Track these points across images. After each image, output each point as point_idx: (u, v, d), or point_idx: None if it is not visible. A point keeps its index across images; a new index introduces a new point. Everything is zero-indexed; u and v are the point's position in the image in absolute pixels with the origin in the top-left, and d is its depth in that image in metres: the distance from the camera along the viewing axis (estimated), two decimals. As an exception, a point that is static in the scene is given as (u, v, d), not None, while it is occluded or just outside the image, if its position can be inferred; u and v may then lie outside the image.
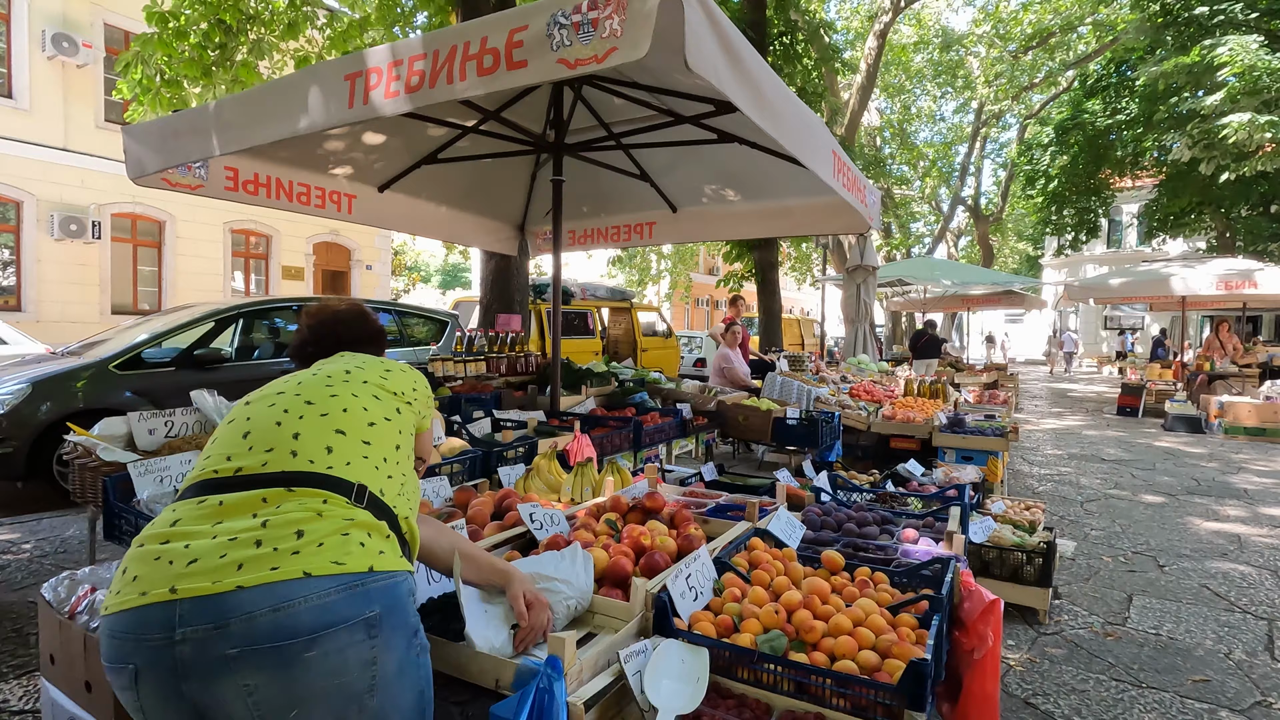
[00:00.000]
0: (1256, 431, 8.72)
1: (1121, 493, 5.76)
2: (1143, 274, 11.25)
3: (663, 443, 3.91)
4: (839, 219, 4.64)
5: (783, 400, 5.24)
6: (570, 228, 5.83)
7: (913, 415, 5.91)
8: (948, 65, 21.20)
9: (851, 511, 2.34)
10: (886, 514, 2.41)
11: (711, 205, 5.16)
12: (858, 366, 9.12)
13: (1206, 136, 10.66)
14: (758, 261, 11.78)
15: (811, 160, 3.08)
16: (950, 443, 5.12)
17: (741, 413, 4.50)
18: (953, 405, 7.19)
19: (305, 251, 17.45)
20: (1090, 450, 7.90)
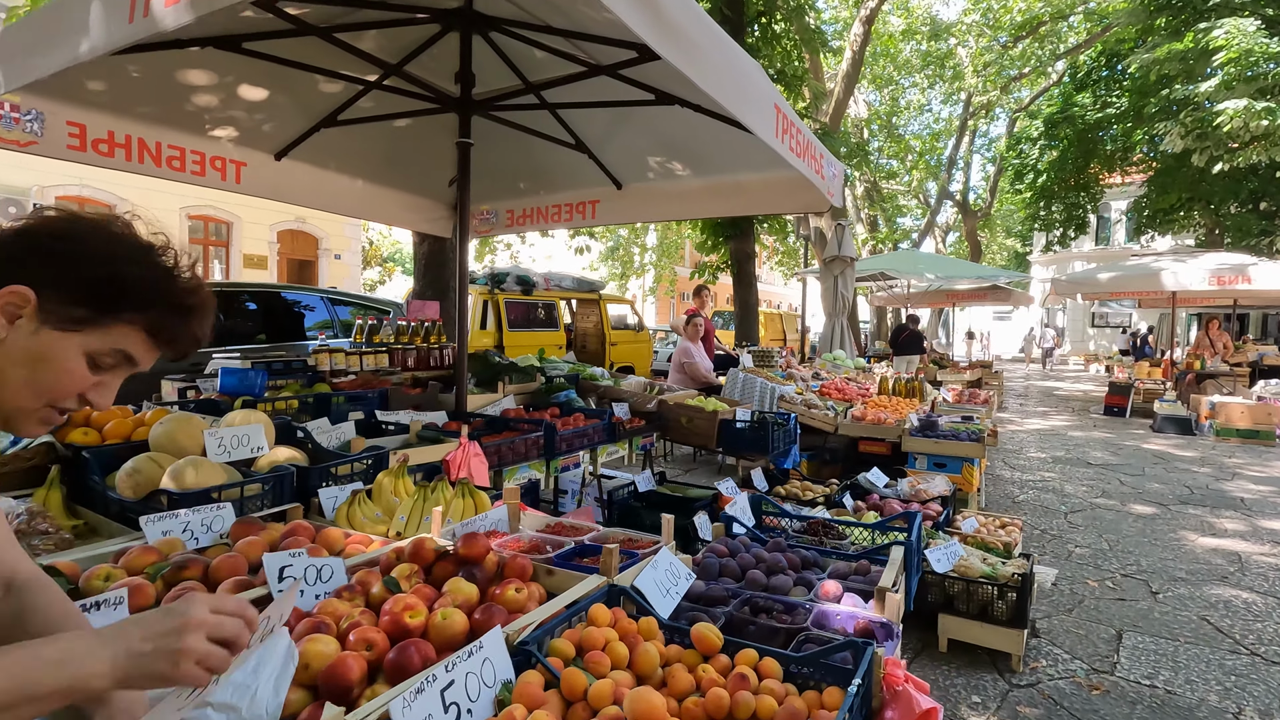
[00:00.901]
0: (1249, 434, 8.29)
1: (1109, 502, 5.28)
2: (1132, 268, 10.82)
3: (585, 449, 3.37)
4: (797, 196, 4.10)
5: (733, 401, 4.71)
6: (509, 207, 5.29)
7: (884, 416, 5.41)
8: (936, 56, 20.71)
9: (765, 551, 1.81)
10: (812, 554, 1.88)
11: (658, 181, 4.61)
12: (833, 362, 8.62)
13: (1199, 125, 10.23)
14: (733, 252, 11.25)
15: (746, 113, 2.55)
16: (921, 448, 4.62)
17: (684, 414, 3.98)
18: (930, 405, 6.70)
19: (269, 239, 16.76)
20: (1076, 453, 7.44)
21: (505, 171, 4.98)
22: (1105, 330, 29.31)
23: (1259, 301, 14.58)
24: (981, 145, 29.83)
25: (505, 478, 2.93)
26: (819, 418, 5.55)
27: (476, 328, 8.56)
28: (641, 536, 1.80)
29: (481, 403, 3.59)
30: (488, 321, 8.73)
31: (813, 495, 3.70)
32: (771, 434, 3.79)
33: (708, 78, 2.23)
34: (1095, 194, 20.06)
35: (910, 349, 11.26)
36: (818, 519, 2.43)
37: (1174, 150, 11.01)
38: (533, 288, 9.39)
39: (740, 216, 10.88)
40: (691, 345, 6.43)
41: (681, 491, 3.86)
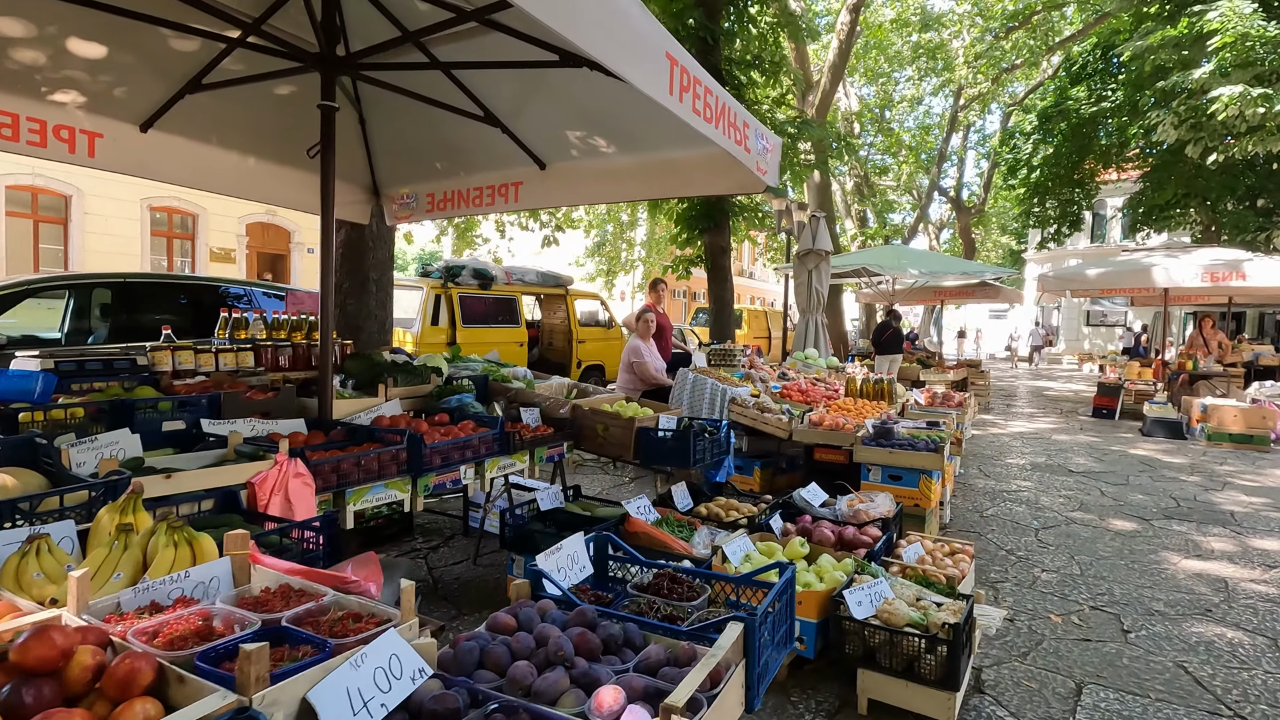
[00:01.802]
0: (1242, 439, 7.84)
1: (1086, 517, 4.82)
2: (1122, 264, 10.36)
3: (467, 462, 2.90)
4: (731, 175, 3.63)
5: (660, 407, 4.21)
6: (429, 190, 4.81)
7: (842, 421, 4.94)
8: (928, 48, 20.21)
9: (555, 628, 1.34)
10: (634, 628, 1.41)
11: (584, 160, 4.14)
12: (804, 361, 8.15)
13: (1194, 114, 9.76)
14: (707, 246, 10.78)
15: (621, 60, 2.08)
16: (874, 458, 4.15)
17: (600, 421, 3.51)
18: (899, 408, 6.24)
19: (237, 232, 16.27)
20: (1057, 459, 6.98)
21: (416, 149, 4.51)
22: (1100, 329, 28.89)
23: (1255, 299, 14.14)
24: (976, 141, 29.39)
25: (350, 501, 2.46)
26: (772, 423, 5.09)
27: (427, 324, 8.08)
28: (377, 610, 1.32)
29: (356, 409, 3.11)
30: (440, 318, 8.25)
31: (736, 516, 3.23)
32: (694, 444, 3.32)
33: (556, 12, 1.78)
34: (1090, 190, 19.63)
35: (892, 348, 10.80)
36: (666, 570, 1.94)
37: (1168, 141, 10.54)
38: (491, 282, 8.90)
39: (716, 209, 10.41)
40: (641, 343, 5.96)
41: (591, 510, 3.40)
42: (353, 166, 4.66)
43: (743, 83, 10.83)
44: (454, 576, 3.44)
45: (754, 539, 2.94)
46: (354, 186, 4.87)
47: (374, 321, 5.30)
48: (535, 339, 11.10)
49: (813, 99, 16.35)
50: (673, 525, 3.12)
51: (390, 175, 4.89)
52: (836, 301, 16.92)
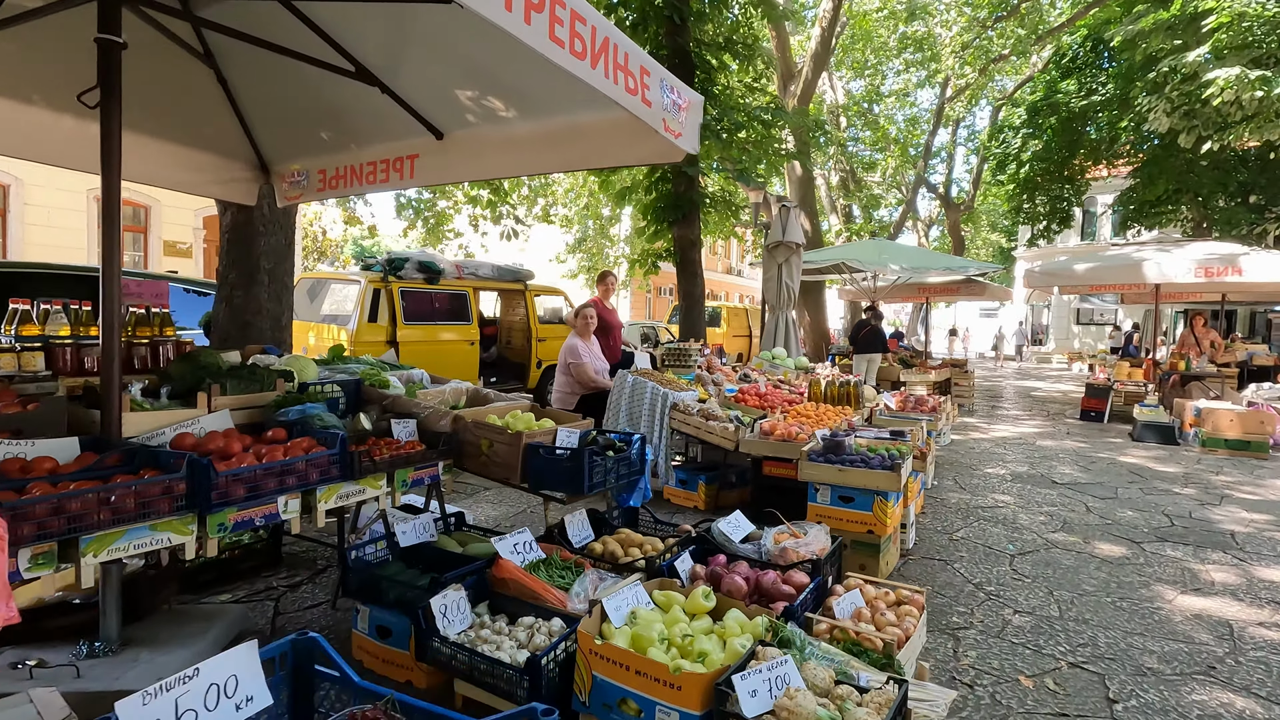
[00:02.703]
0: (1239, 445, 7.32)
1: (1069, 539, 4.25)
2: (1112, 258, 9.83)
3: (290, 492, 2.31)
4: (644, 143, 3.03)
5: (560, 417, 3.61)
6: (320, 166, 4.20)
7: (795, 430, 4.36)
8: (914, 38, 19.68)
9: None
10: None
11: (483, 127, 3.53)
12: (770, 362, 7.58)
13: (1187, 100, 9.24)
14: (676, 239, 10.18)
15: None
16: (821, 476, 3.57)
17: (485, 436, 2.92)
18: (866, 413, 5.67)
19: (193, 225, 15.57)
20: (1041, 468, 6.43)
21: (297, 118, 3.90)
22: (1090, 328, 28.47)
23: (1249, 296, 13.66)
24: (965, 137, 28.92)
25: (89, 552, 1.85)
26: (717, 432, 4.51)
27: (364, 321, 7.46)
28: None
29: (160, 424, 2.50)
30: (379, 314, 7.62)
31: (636, 556, 2.64)
32: (590, 465, 2.72)
33: None
34: (1080, 186, 19.19)
35: (871, 347, 10.24)
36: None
37: (1160, 130, 10.02)
38: (439, 275, 8.28)
39: (684, 200, 9.82)
40: (580, 342, 5.36)
41: (468, 544, 2.80)
42: (226, 137, 4.04)
43: (715, 66, 10.25)
44: (299, 624, 2.83)
45: (653, 586, 2.35)
46: (236, 162, 4.26)
47: (266, 318, 4.68)
48: (493, 337, 10.50)
49: (794, 89, 15.78)
50: (556, 568, 2.53)
51: (278, 150, 4.27)
52: (819, 298, 16.38)
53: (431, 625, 2.17)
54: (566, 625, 2.19)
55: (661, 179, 10.09)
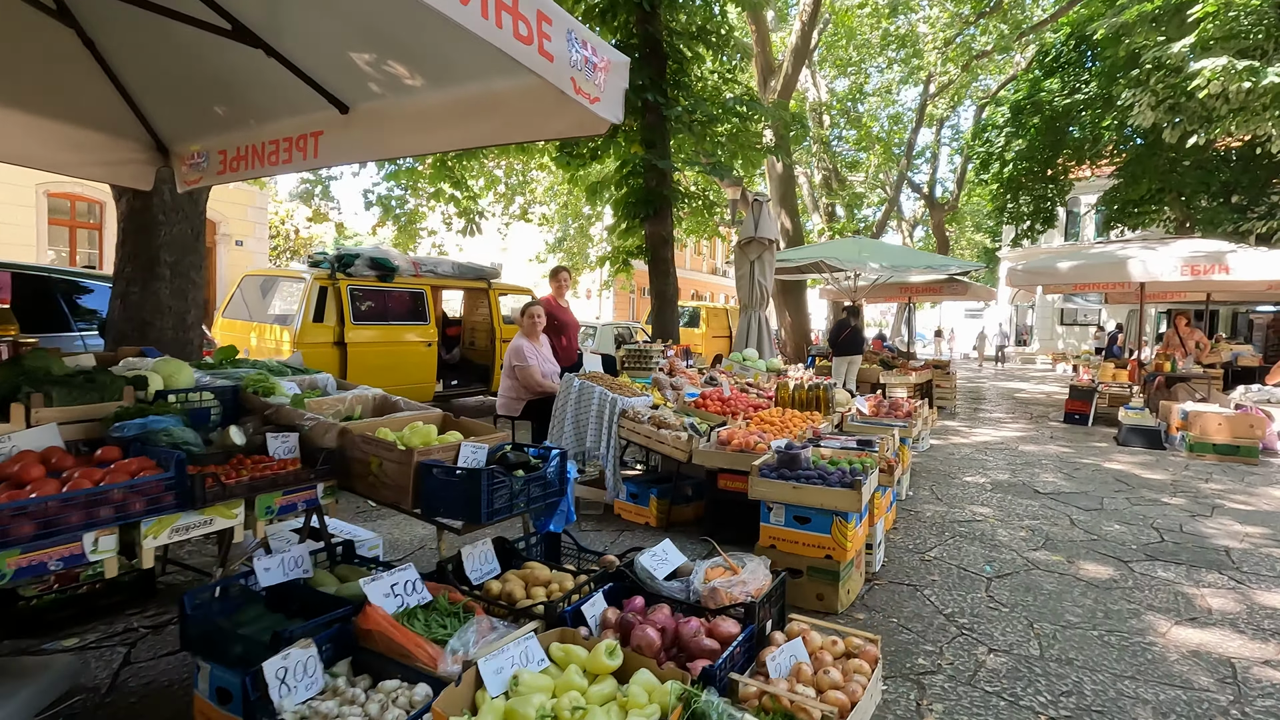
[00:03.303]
0: (1227, 449, 7.01)
1: (1052, 559, 3.89)
2: (1096, 256, 9.54)
3: (102, 527, 1.87)
4: (564, 114, 2.61)
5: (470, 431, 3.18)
6: (220, 146, 3.75)
7: (755, 440, 3.97)
8: (896, 35, 19.42)
9: None
10: None
11: (390, 99, 3.10)
12: (741, 364, 7.19)
13: (1172, 93, 8.98)
14: (648, 236, 9.77)
15: None
16: (773, 494, 3.17)
17: (373, 453, 2.50)
18: (837, 419, 5.29)
19: (152, 222, 14.93)
20: (1023, 475, 6.08)
21: (186, 89, 3.45)
22: (1074, 328, 28.40)
23: (1234, 295, 13.47)
24: (949, 137, 28.77)
25: None
26: (669, 441, 4.10)
27: (309, 321, 6.99)
28: None
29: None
30: (325, 313, 7.15)
31: (539, 597, 2.22)
32: (490, 488, 2.30)
33: None
34: (1063, 186, 19.05)
35: (851, 348, 9.89)
36: None
37: (1144, 125, 9.75)
38: (392, 273, 7.82)
39: (655, 195, 9.42)
40: (526, 343, 4.94)
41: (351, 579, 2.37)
42: (111, 113, 3.58)
43: (688, 57, 9.86)
44: (148, 678, 2.39)
45: (551, 638, 1.94)
46: (126, 142, 3.80)
47: (167, 316, 4.22)
48: (457, 338, 10.05)
49: (775, 84, 15.45)
50: (439, 614, 2.11)
51: (175, 129, 3.82)
52: (800, 298, 16.05)
53: (264, 695, 1.75)
54: (434, 692, 1.77)
55: (633, 174, 9.69)
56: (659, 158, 9.16)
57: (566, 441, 4.44)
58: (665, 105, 9.10)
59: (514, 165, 18.29)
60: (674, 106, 9.15)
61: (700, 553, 3.80)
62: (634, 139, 9.59)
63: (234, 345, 3.78)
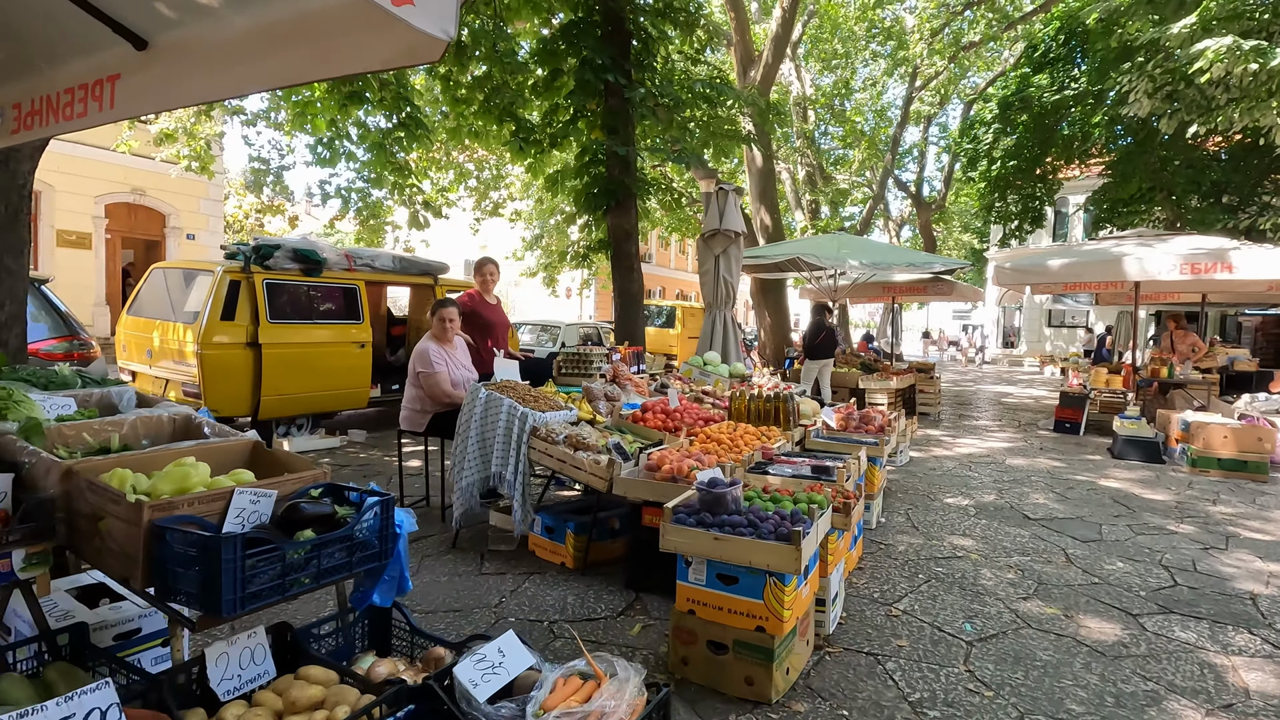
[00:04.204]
0: (1234, 465, 6.39)
1: (1045, 612, 3.20)
2: (1089, 254, 8.92)
3: None
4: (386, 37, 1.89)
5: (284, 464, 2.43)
6: (14, 99, 2.99)
7: (692, 464, 3.26)
8: (883, 27, 18.82)
9: None
10: None
11: (192, 27, 2.35)
12: (701, 369, 6.48)
13: (1170, 79, 8.38)
14: (610, 229, 9.05)
15: None
16: (690, 545, 2.45)
17: (101, 505, 1.77)
18: (799, 435, 4.59)
19: (94, 214, 14.09)
20: (1010, 496, 5.41)
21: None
22: (1062, 330, 27.95)
23: (1230, 296, 12.97)
24: (937, 136, 28.26)
25: None
26: (585, 466, 3.39)
27: (215, 318, 6.21)
28: None
29: None
30: (237, 311, 6.38)
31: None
32: (238, 560, 1.58)
33: None
34: (1052, 186, 18.56)
35: (824, 352, 9.22)
36: None
37: (1140, 114, 9.15)
38: (319, 266, 7.05)
39: (617, 184, 8.69)
40: (434, 347, 4.21)
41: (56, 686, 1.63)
42: None
43: (653, 35, 9.15)
44: None
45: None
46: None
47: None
48: (402, 338, 9.28)
49: (754, 74, 14.78)
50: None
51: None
52: (780, 298, 15.39)
53: None
54: None
55: (593, 162, 8.97)
56: (621, 144, 8.45)
57: (470, 464, 3.71)
58: (628, 87, 8.39)
59: (486, 160, 17.54)
60: (637, 89, 8.44)
61: (617, 605, 3.09)
62: (594, 124, 8.88)
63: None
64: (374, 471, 5.60)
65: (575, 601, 3.13)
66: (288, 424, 6.88)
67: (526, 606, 3.08)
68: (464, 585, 3.32)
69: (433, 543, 3.90)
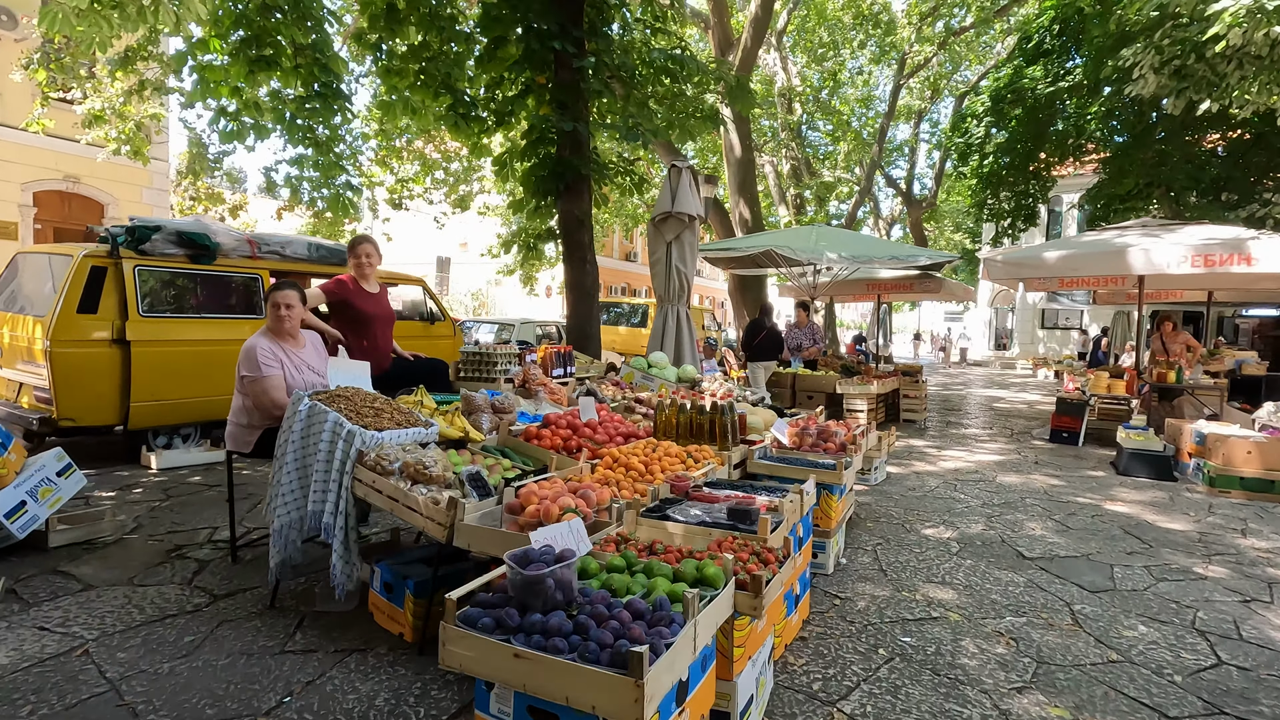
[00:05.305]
0: (1259, 485, 5.52)
1: (1048, 714, 2.30)
2: (1089, 245, 8.06)
3: None
4: None
5: None
6: None
7: (566, 504, 2.36)
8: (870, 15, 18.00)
9: None
10: None
11: None
12: (645, 372, 5.58)
13: (1180, 49, 7.56)
14: (560, 215, 8.13)
15: None
16: (480, 665, 1.53)
17: None
18: (738, 457, 3.69)
19: (20, 202, 13.07)
20: (1001, 526, 4.53)
21: None
22: (1056, 332, 27.20)
23: (1236, 295, 12.16)
24: (927, 132, 27.51)
25: None
26: (421, 507, 2.47)
27: (70, 310, 5.27)
28: None
29: None
30: (100, 303, 5.43)
31: None
32: None
33: None
34: (1045, 183, 17.82)
35: (767, 353, 8.33)
36: None
37: (1145, 94, 8.31)
38: (210, 251, 6.10)
39: (568, 166, 7.76)
40: (263, 343, 3.28)
41: None
42: None
43: (610, 3, 8.25)
44: None
45: None
46: None
47: None
48: (325, 337, 8.31)
49: (733, 58, 13.93)
50: None
51: None
52: (760, 296, 14.51)
53: None
54: None
55: (542, 140, 8.06)
56: (572, 120, 7.54)
57: (287, 497, 2.80)
58: (576, 57, 7.49)
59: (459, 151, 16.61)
60: (588, 58, 7.53)
61: (445, 710, 2.17)
62: (544, 99, 7.96)
63: None
64: (247, 494, 4.66)
65: (388, 703, 2.22)
66: (170, 433, 5.94)
67: (317, 710, 2.16)
68: (250, 670, 2.40)
69: (247, 600, 2.98)
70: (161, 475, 5.28)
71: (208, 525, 4.00)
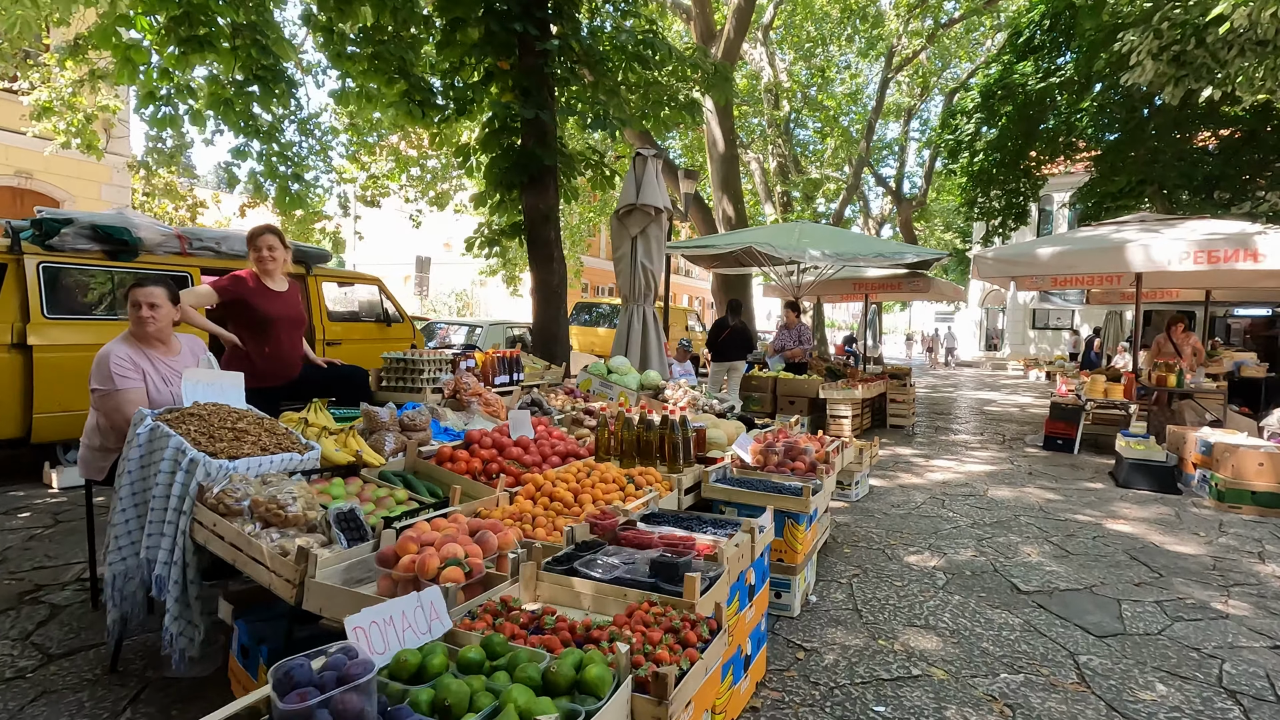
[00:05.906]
0: (1273, 500, 5.07)
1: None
2: (1084, 240, 7.62)
3: None
4: None
5: None
6: None
7: (448, 551, 1.85)
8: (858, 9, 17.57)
9: None
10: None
11: None
12: (603, 379, 5.07)
13: (1179, 33, 7.15)
14: (525, 209, 7.62)
15: None
16: None
17: None
18: (691, 480, 3.18)
19: (-44, 197, 12.42)
20: (994, 551, 4.05)
21: None
22: (1047, 333, 26.88)
23: (1237, 294, 11.80)
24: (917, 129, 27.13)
25: None
26: (265, 560, 1.95)
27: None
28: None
29: None
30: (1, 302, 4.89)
31: None
32: None
33: None
34: (1036, 181, 17.47)
35: (733, 353, 7.84)
36: None
37: (1142, 82, 7.89)
38: (130, 247, 5.56)
39: (531, 157, 7.25)
40: (120, 350, 2.76)
41: None
42: None
43: (578, -16, 7.75)
44: None
45: None
46: None
47: None
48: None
49: (715, 50, 13.47)
50: None
51: None
52: (744, 297, 14.07)
53: None
54: None
55: (505, 129, 7.54)
56: (535, 108, 7.03)
57: (122, 539, 2.28)
58: (541, 40, 6.98)
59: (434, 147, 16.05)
60: (551, 41, 7.03)
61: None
62: (506, 85, 7.45)
63: None
64: (145, 518, 4.12)
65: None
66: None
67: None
68: (46, 769, 1.88)
69: (85, 662, 2.46)
70: (61, 495, 4.74)
71: (84, 560, 3.47)
